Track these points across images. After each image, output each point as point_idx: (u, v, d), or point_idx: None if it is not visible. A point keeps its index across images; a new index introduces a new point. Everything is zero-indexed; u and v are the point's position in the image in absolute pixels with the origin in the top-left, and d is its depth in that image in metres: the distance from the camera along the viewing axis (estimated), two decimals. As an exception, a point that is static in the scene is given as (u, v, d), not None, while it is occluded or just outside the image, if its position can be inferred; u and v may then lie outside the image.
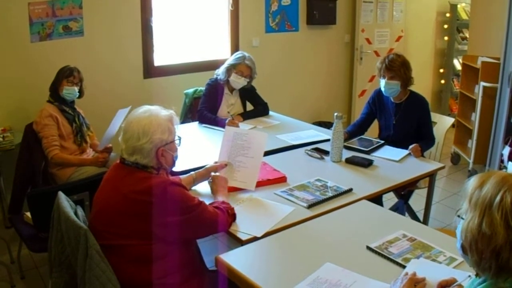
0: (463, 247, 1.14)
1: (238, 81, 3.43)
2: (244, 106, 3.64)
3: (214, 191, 2.14)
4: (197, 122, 3.45)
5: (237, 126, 3.20)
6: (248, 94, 3.61)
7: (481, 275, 1.11)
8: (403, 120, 3.00)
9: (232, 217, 1.90)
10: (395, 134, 3.02)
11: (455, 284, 1.35)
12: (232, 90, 3.54)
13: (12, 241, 3.04)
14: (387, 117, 3.07)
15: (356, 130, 3.15)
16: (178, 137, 1.85)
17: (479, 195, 1.08)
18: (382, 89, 2.98)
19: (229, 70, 3.43)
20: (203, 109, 3.42)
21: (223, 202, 1.93)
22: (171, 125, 1.80)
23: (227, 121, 3.23)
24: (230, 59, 3.48)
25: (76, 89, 3.05)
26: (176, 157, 1.86)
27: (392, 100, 3.03)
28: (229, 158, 2.32)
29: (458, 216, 1.15)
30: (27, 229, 2.48)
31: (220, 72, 3.48)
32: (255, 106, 3.66)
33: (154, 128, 1.72)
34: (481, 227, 1.05)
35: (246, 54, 3.49)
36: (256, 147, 2.29)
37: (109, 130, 3.00)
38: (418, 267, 1.53)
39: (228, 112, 3.44)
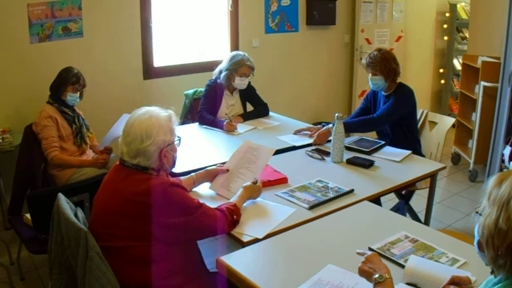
0: (479, 244, 1.14)
1: (244, 83, 3.42)
2: (244, 106, 3.62)
3: (243, 188, 2.06)
4: (197, 123, 3.43)
5: (235, 128, 3.20)
6: (248, 94, 3.60)
7: (496, 273, 1.11)
8: None
9: (234, 221, 1.86)
10: (387, 127, 3.08)
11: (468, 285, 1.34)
12: (232, 91, 3.52)
13: (12, 243, 3.03)
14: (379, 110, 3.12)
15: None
16: (178, 137, 1.84)
17: (498, 192, 1.10)
18: (370, 85, 3.07)
19: (230, 75, 3.39)
20: (203, 110, 3.40)
21: (234, 205, 1.90)
22: (172, 125, 1.79)
23: (224, 123, 3.21)
24: (227, 64, 3.40)
25: (78, 94, 3.06)
26: (176, 157, 1.85)
27: (383, 93, 3.08)
28: (234, 167, 2.30)
29: (477, 213, 1.16)
30: (26, 231, 2.47)
31: (221, 78, 3.44)
32: (255, 107, 3.65)
33: (156, 129, 1.72)
34: (498, 222, 1.06)
35: (241, 53, 3.46)
36: (259, 162, 2.27)
37: (112, 131, 2.98)
38: (419, 262, 1.53)
39: (226, 114, 3.43)
